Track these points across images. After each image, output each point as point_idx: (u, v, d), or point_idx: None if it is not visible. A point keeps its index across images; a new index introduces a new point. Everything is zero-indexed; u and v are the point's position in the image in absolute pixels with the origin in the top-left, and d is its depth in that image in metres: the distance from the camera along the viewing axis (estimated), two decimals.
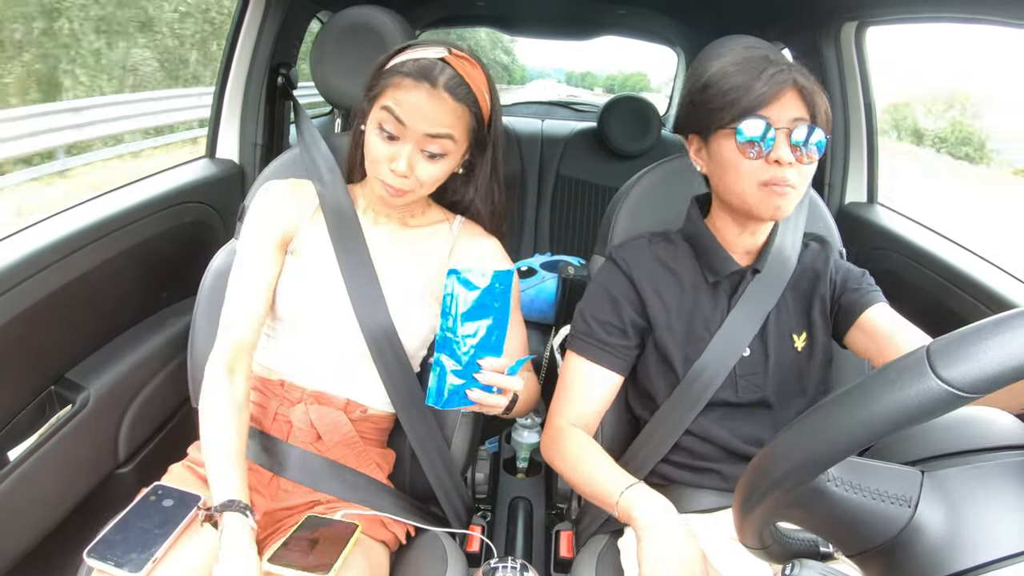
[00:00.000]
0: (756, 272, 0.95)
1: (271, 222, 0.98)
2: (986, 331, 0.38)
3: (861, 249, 1.44)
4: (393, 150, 0.87)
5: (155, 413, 1.24)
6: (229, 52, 1.48)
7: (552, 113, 2.96)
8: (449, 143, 0.88)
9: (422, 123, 0.85)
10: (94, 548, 0.80)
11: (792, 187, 0.84)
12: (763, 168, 0.84)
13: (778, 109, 0.83)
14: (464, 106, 0.87)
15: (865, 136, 1.53)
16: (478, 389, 0.76)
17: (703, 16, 2.18)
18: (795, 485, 0.44)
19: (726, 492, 0.93)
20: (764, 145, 0.83)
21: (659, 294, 0.95)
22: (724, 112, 0.84)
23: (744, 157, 0.84)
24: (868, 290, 0.94)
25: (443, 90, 0.85)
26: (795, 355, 0.95)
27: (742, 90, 0.83)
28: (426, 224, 1.02)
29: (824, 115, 0.85)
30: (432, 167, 0.89)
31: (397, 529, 0.97)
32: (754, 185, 0.85)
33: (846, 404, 0.42)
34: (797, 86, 0.83)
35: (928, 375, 0.38)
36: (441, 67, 0.85)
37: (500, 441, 1.92)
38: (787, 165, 0.83)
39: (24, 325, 0.96)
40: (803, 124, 0.83)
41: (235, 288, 0.95)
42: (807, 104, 0.84)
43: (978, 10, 1.08)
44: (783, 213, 0.87)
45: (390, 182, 0.89)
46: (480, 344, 0.75)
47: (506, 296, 0.75)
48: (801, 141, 0.83)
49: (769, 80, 0.82)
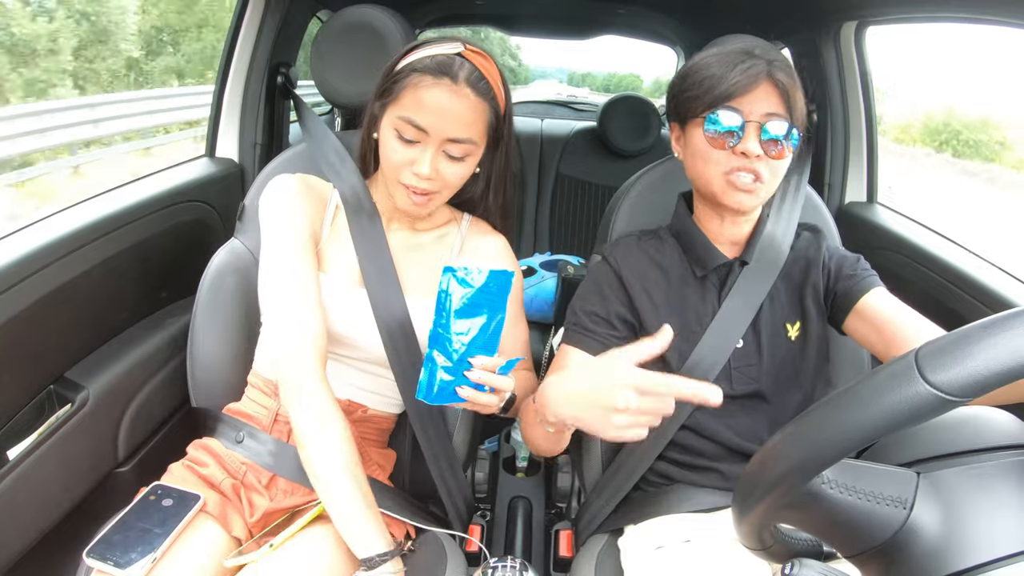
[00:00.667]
0: (744, 264, 0.95)
1: (302, 221, 0.93)
2: (974, 335, 0.38)
3: (860, 248, 1.45)
4: (414, 154, 0.85)
5: (155, 412, 1.24)
6: (229, 51, 1.48)
7: (552, 112, 2.95)
8: (470, 146, 0.86)
9: (445, 127, 0.83)
10: (94, 548, 0.80)
11: (760, 182, 0.85)
12: (730, 158, 0.85)
13: (750, 102, 0.84)
14: (485, 102, 0.85)
15: (865, 136, 1.53)
16: (468, 387, 0.75)
17: (702, 15, 2.18)
18: (790, 488, 0.44)
19: (726, 491, 0.93)
20: (733, 137, 0.84)
21: (647, 291, 0.96)
22: (698, 101, 0.86)
23: (712, 147, 0.85)
24: (864, 276, 0.94)
25: (465, 85, 0.82)
26: (789, 345, 0.95)
27: (716, 80, 0.85)
28: (435, 227, 1.02)
29: (800, 112, 0.85)
30: (456, 168, 0.87)
31: (397, 529, 0.97)
32: (720, 175, 0.86)
33: (838, 408, 0.42)
34: (772, 80, 0.84)
35: (917, 380, 0.38)
36: (460, 62, 0.83)
37: (500, 440, 1.93)
38: (755, 158, 0.84)
39: (23, 324, 0.96)
40: (776, 119, 0.84)
41: (295, 300, 0.88)
42: (782, 99, 0.84)
43: (979, 10, 1.08)
44: (748, 207, 0.88)
45: (414, 185, 0.86)
46: (473, 342, 0.75)
47: (502, 296, 0.75)
48: (772, 136, 0.83)
49: (743, 72, 0.83)
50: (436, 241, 1.01)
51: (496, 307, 0.75)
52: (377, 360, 0.95)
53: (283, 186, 0.95)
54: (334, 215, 0.98)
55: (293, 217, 0.92)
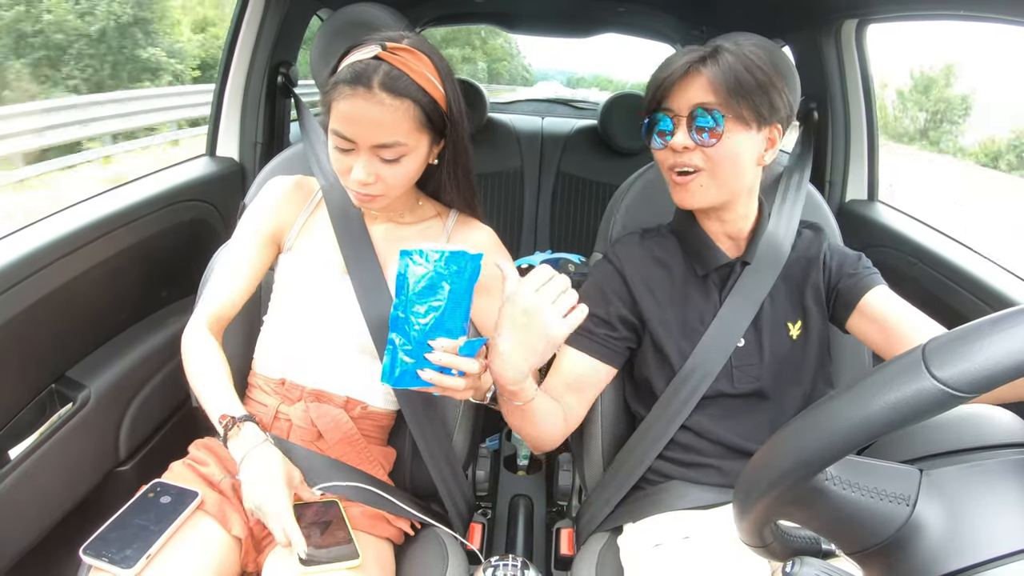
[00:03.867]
0: (745, 264, 0.95)
1: (266, 216, 1.01)
2: (982, 330, 0.38)
3: (861, 246, 1.44)
4: (350, 161, 0.87)
5: (155, 411, 1.24)
6: (229, 50, 1.48)
7: (552, 111, 2.95)
8: (401, 148, 0.86)
9: (367, 135, 0.84)
10: (90, 545, 0.80)
11: (700, 171, 0.87)
12: (669, 155, 0.88)
13: (679, 98, 0.86)
14: (406, 100, 0.83)
15: (866, 134, 1.53)
16: (431, 369, 0.74)
17: (703, 14, 2.17)
18: (794, 484, 0.44)
19: (725, 488, 0.93)
20: (664, 136, 0.88)
21: (650, 290, 0.96)
22: (647, 103, 0.91)
23: (653, 148, 0.91)
24: (866, 274, 0.94)
25: (379, 90, 0.82)
26: (790, 343, 0.95)
27: (652, 84, 0.89)
28: (419, 221, 1.03)
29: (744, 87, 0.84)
30: (395, 169, 0.87)
31: (400, 524, 0.98)
32: (668, 173, 0.90)
33: (843, 403, 0.42)
34: (702, 71, 0.85)
35: (924, 375, 0.38)
36: (375, 65, 0.82)
37: (501, 438, 1.93)
38: (683, 151, 0.86)
39: (25, 323, 0.96)
40: (703, 108, 0.84)
41: (219, 270, 0.99)
42: (713, 87, 0.84)
43: (979, 8, 1.08)
44: (693, 202, 0.90)
45: (357, 190, 0.89)
46: (433, 325, 0.74)
47: (460, 278, 0.74)
48: (701, 124, 0.85)
49: (672, 67, 0.86)
50: (420, 233, 1.02)
51: (456, 289, 0.74)
52: (368, 350, 0.97)
53: (268, 187, 1.04)
54: (314, 208, 1.04)
55: (258, 212, 1.02)
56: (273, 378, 1.00)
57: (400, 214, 1.02)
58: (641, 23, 2.57)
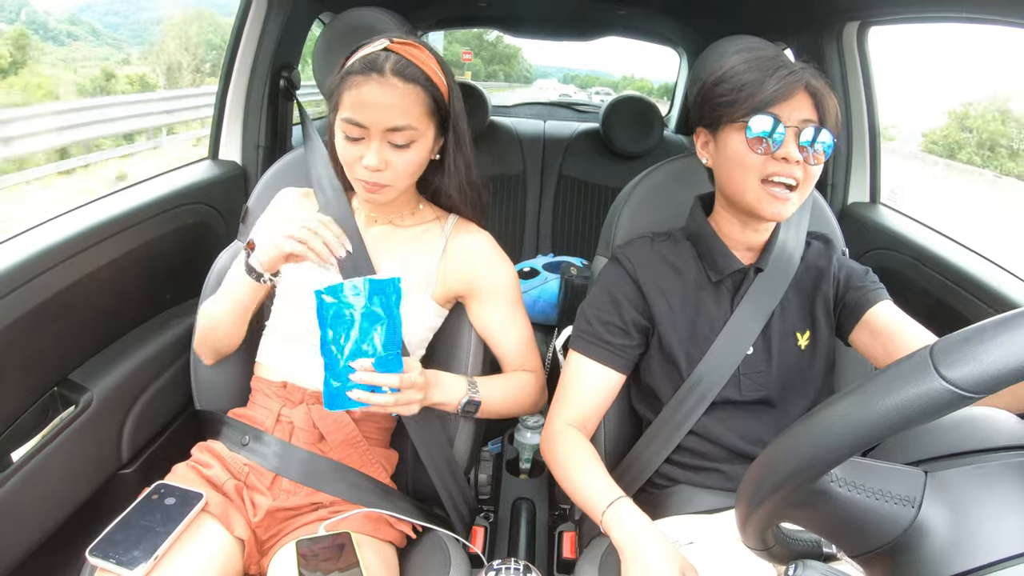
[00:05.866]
0: (759, 271, 0.95)
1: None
2: (990, 331, 0.38)
3: (864, 249, 1.44)
4: (360, 150, 0.89)
5: (158, 414, 1.24)
6: (231, 54, 1.49)
7: (554, 114, 2.95)
8: (412, 132, 0.89)
9: (381, 118, 0.87)
10: (96, 547, 0.80)
11: (795, 190, 0.85)
12: (768, 163, 0.85)
13: (788, 109, 0.84)
14: (416, 85, 0.88)
15: (868, 136, 1.53)
16: (359, 390, 0.82)
17: (704, 16, 2.18)
18: (798, 485, 0.44)
19: (729, 492, 0.93)
20: (773, 142, 0.84)
21: (664, 293, 0.95)
22: (736, 107, 0.86)
23: (752, 152, 0.85)
24: (872, 288, 0.94)
25: (391, 75, 0.86)
26: (799, 353, 0.95)
27: (755, 86, 0.85)
28: (418, 224, 1.03)
29: (833, 118, 0.86)
30: (405, 155, 0.90)
31: (403, 527, 0.97)
32: (756, 180, 0.86)
33: (850, 404, 0.42)
34: (808, 88, 0.85)
35: (932, 375, 0.38)
36: (385, 55, 0.87)
37: (503, 442, 1.92)
38: (794, 163, 0.84)
39: (28, 326, 0.96)
40: (811, 125, 0.84)
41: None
42: (816, 106, 0.85)
43: (981, 10, 1.08)
44: (783, 215, 0.88)
45: (366, 178, 0.90)
46: (353, 349, 0.81)
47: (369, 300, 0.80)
48: (809, 141, 0.84)
49: (782, 79, 0.84)
50: (416, 237, 1.02)
51: (372, 314, 0.81)
52: None
53: (280, 198, 1.07)
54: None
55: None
56: (275, 381, 1.00)
57: (400, 216, 1.02)
58: (642, 26, 2.58)
